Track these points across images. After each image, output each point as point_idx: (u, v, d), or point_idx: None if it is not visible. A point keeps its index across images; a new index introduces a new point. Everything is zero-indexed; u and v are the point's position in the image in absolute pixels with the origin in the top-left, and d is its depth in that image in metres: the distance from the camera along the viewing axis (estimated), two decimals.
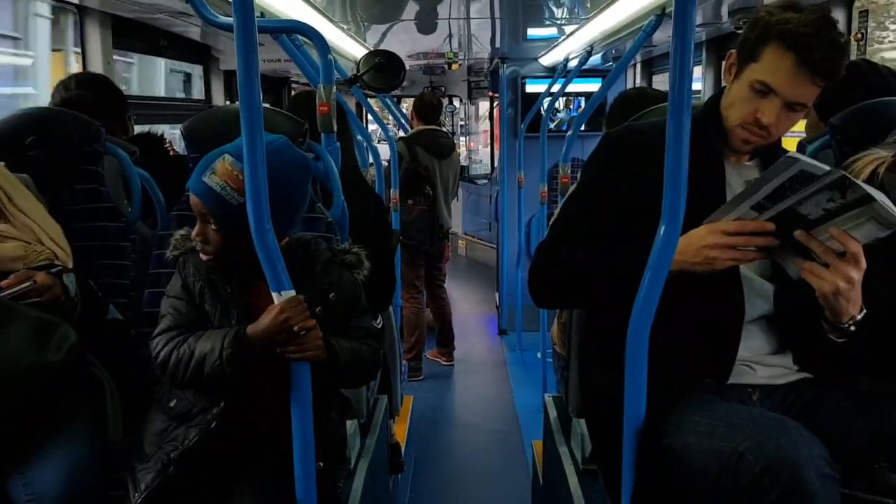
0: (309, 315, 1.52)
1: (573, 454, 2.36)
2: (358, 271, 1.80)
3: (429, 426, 4.54)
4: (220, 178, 1.58)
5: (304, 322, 1.50)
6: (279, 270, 1.45)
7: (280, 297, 1.49)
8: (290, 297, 1.49)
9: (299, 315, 1.50)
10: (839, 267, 1.38)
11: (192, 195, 1.62)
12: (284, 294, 1.49)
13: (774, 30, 1.49)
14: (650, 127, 1.74)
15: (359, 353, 1.72)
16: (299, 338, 1.51)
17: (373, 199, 2.99)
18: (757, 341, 1.63)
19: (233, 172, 1.57)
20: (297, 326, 1.49)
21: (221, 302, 1.65)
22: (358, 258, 1.81)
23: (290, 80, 6.27)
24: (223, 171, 1.58)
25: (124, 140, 2.52)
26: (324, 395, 1.68)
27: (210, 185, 1.58)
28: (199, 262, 1.69)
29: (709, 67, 4.22)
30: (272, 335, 1.51)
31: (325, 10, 3.85)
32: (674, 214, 1.32)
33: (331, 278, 1.74)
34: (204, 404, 1.63)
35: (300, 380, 1.53)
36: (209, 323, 1.65)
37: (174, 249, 1.72)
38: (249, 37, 1.34)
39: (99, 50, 3.01)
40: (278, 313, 1.50)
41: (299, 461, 1.54)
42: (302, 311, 1.50)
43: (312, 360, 1.54)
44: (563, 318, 2.45)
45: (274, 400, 1.61)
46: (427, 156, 5.07)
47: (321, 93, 2.26)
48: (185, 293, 1.68)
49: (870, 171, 1.65)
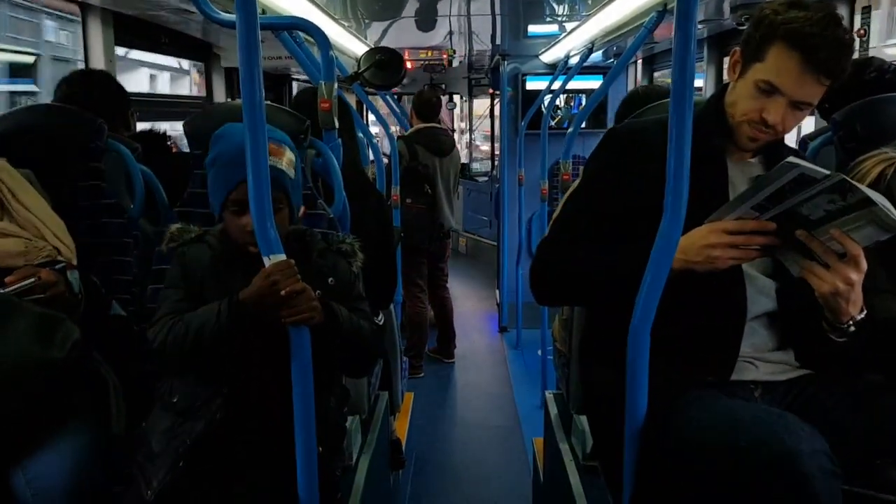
0: (299, 279, 1.52)
1: (574, 451, 2.36)
2: (353, 260, 1.84)
3: (429, 423, 4.54)
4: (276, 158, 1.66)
5: (292, 285, 1.50)
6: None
7: (270, 261, 1.50)
8: (278, 260, 1.50)
9: (288, 278, 1.50)
10: (839, 268, 1.39)
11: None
12: (274, 258, 1.49)
13: (780, 29, 1.48)
14: (652, 124, 1.74)
15: (359, 325, 1.75)
16: (290, 301, 1.51)
17: (374, 196, 2.99)
18: (759, 338, 1.64)
19: (280, 149, 1.70)
20: (285, 290, 1.49)
21: (227, 291, 1.65)
22: (352, 247, 1.85)
23: (291, 77, 6.27)
24: (275, 150, 1.67)
25: (127, 137, 2.52)
26: (323, 380, 1.69)
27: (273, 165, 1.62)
28: (200, 254, 1.72)
29: (710, 64, 4.21)
30: (263, 298, 1.53)
31: (327, 7, 3.85)
32: (676, 211, 1.33)
33: (328, 264, 1.79)
34: (206, 396, 1.65)
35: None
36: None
37: (171, 241, 1.75)
38: (251, 34, 1.35)
39: (101, 46, 3.01)
40: (266, 276, 1.51)
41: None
42: (291, 275, 1.51)
43: (308, 323, 1.54)
44: (564, 315, 2.45)
45: (276, 390, 1.62)
46: (427, 154, 5.06)
47: (322, 90, 2.27)
48: (185, 283, 1.71)
49: (877, 172, 1.65)
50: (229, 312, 1.58)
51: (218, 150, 1.71)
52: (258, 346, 1.66)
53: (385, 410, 2.77)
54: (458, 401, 5.08)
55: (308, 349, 1.54)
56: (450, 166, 5.24)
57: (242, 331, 1.60)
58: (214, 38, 4.16)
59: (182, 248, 1.74)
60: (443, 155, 5.15)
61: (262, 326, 1.58)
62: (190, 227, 1.78)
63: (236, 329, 1.59)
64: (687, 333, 1.60)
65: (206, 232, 1.78)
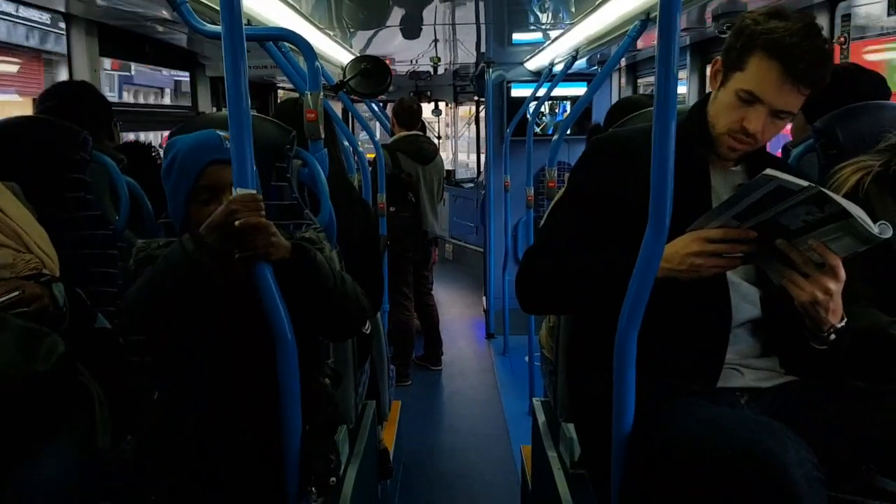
0: (262, 214, 1.48)
1: (562, 458, 2.36)
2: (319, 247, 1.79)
3: (417, 431, 4.53)
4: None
5: (249, 217, 1.46)
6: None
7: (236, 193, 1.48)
8: (244, 192, 1.46)
9: (247, 211, 1.46)
10: (818, 278, 1.40)
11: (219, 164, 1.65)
12: (241, 190, 1.46)
13: (760, 39, 1.50)
14: (636, 132, 1.75)
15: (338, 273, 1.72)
16: (249, 236, 1.47)
17: (360, 205, 2.99)
18: (744, 345, 1.65)
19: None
20: (240, 221, 1.45)
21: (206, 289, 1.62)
22: (317, 237, 1.83)
23: (276, 86, 6.26)
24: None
25: (112, 148, 2.51)
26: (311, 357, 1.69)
27: None
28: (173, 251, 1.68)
29: (693, 71, 4.24)
30: (219, 227, 1.48)
31: (312, 17, 3.85)
32: (660, 219, 1.33)
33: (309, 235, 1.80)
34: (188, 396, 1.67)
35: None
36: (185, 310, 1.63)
37: (138, 254, 1.72)
38: (237, 44, 1.35)
39: (85, 57, 3.00)
40: (227, 206, 1.48)
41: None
42: (253, 209, 1.47)
43: (268, 259, 1.50)
44: (551, 323, 2.46)
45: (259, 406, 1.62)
46: (410, 162, 5.07)
47: (308, 99, 2.27)
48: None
49: (855, 180, 1.67)
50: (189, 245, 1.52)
51: (175, 150, 1.69)
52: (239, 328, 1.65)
53: (372, 419, 2.76)
54: (446, 408, 5.07)
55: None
56: (433, 173, 5.24)
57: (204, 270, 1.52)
58: (199, 48, 4.15)
59: (154, 251, 1.70)
60: (425, 162, 5.16)
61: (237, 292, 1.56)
62: (155, 240, 1.76)
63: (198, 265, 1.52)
64: (673, 341, 1.61)
65: (172, 241, 1.73)
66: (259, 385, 1.65)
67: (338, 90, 3.07)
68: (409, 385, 5.27)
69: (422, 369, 5.59)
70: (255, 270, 1.50)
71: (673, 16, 1.26)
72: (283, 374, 1.54)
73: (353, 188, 3.10)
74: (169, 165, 1.70)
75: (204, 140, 1.65)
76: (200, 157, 1.64)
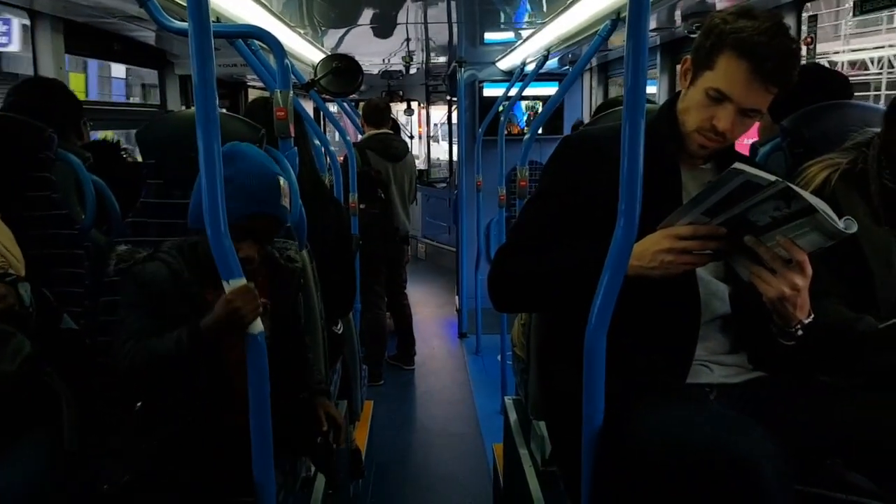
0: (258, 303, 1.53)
1: (533, 456, 2.37)
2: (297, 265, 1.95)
3: (389, 431, 4.53)
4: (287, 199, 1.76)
5: (255, 311, 1.52)
6: (230, 260, 1.45)
7: (229, 286, 1.50)
8: (239, 285, 1.50)
9: (249, 303, 1.51)
10: (785, 274, 1.41)
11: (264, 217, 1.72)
12: (233, 283, 1.49)
13: (729, 38, 1.51)
14: (607, 131, 1.76)
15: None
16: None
17: (332, 204, 2.98)
18: (713, 341, 1.66)
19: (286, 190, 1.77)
20: (248, 317, 1.51)
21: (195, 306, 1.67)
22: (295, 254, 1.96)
23: (246, 84, 6.22)
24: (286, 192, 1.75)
25: (79, 146, 2.48)
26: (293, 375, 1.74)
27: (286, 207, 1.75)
28: (156, 271, 1.72)
29: (663, 71, 4.27)
30: (224, 324, 1.54)
31: (282, 15, 3.83)
32: (629, 216, 1.34)
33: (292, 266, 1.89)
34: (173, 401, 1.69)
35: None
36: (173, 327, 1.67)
37: (120, 263, 1.75)
38: (205, 42, 1.34)
39: (51, 54, 2.96)
40: (228, 302, 1.51)
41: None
42: (252, 300, 1.52)
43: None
44: (523, 321, 2.46)
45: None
46: (379, 160, 5.05)
47: (278, 98, 2.26)
48: (145, 302, 1.71)
49: (822, 178, 1.69)
50: (190, 342, 1.60)
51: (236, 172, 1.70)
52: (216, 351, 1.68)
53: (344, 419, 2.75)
54: (418, 408, 5.07)
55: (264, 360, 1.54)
56: (404, 171, 5.24)
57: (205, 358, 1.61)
58: (168, 46, 4.11)
59: (136, 266, 1.74)
60: (395, 160, 5.15)
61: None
62: (138, 249, 1.78)
63: (198, 357, 1.61)
64: (643, 338, 1.62)
65: (156, 250, 1.78)
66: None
67: (309, 89, 3.05)
68: (382, 385, 5.26)
69: (394, 369, 5.58)
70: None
71: (643, 15, 1.27)
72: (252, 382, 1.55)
73: (325, 187, 3.09)
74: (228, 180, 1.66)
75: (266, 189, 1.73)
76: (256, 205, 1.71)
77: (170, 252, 1.77)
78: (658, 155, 1.59)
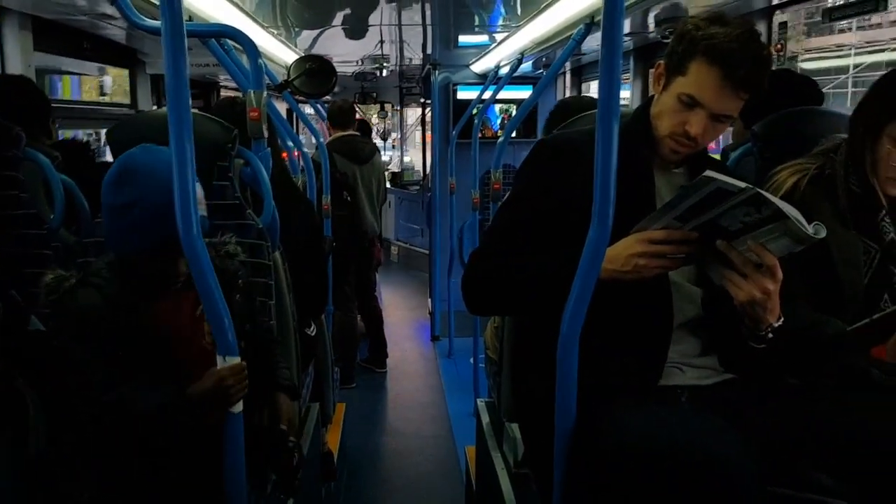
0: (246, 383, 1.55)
1: (505, 458, 2.37)
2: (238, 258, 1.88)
3: (362, 434, 4.51)
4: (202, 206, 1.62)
5: (242, 391, 1.54)
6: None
7: (224, 361, 1.51)
8: (234, 364, 1.51)
9: (239, 382, 1.53)
10: (756, 278, 1.42)
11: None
12: (230, 360, 1.51)
13: (701, 44, 1.53)
14: (581, 134, 1.77)
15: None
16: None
17: (304, 205, 2.96)
18: (685, 344, 1.67)
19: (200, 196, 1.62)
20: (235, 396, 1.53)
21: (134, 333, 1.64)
22: (234, 248, 1.87)
23: (219, 84, 6.18)
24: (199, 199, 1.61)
25: (47, 145, 2.44)
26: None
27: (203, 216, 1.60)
28: (89, 298, 1.65)
29: (636, 75, 4.30)
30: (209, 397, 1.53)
31: (255, 15, 3.81)
32: (603, 220, 1.35)
33: (232, 267, 1.82)
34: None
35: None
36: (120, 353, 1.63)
37: (50, 294, 1.65)
38: (177, 41, 1.32)
39: (18, 52, 2.91)
40: (221, 379, 1.52)
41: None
42: (242, 379, 1.53)
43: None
44: (496, 324, 2.47)
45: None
46: (345, 162, 5.02)
47: (251, 98, 2.24)
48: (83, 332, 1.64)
49: (792, 182, 1.71)
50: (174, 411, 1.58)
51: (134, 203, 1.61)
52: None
53: (316, 422, 2.74)
54: (390, 410, 5.06)
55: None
56: (371, 173, 5.21)
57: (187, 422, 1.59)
58: (139, 45, 4.07)
59: (66, 297, 1.65)
60: (362, 162, 5.13)
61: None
62: (65, 274, 1.68)
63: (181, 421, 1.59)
64: (615, 340, 1.62)
65: (85, 273, 1.69)
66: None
67: (282, 90, 3.03)
68: (354, 387, 5.24)
69: (366, 372, 5.56)
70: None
71: (617, 20, 1.28)
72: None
73: (297, 188, 3.07)
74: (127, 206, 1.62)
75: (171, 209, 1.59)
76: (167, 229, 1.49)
77: (99, 273, 1.69)
78: (632, 159, 1.60)
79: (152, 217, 1.59)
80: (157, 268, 1.67)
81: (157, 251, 1.63)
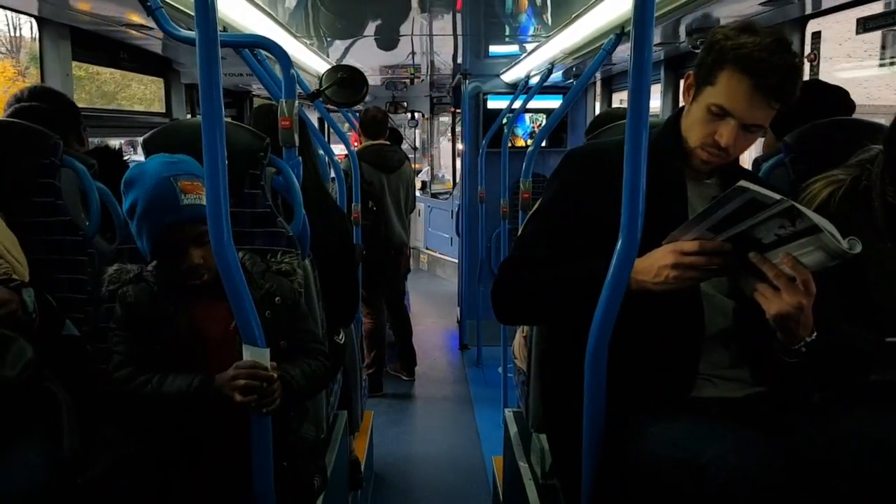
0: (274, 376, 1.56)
1: (533, 469, 2.36)
2: (293, 278, 1.87)
3: (389, 442, 4.52)
4: (195, 195, 1.64)
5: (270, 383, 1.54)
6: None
7: (249, 352, 1.52)
8: (260, 353, 1.52)
9: (267, 372, 1.54)
10: (789, 292, 1.40)
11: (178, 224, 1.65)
12: (255, 351, 1.52)
13: (730, 54, 1.52)
14: (611, 145, 1.76)
15: (311, 374, 1.78)
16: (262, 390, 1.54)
17: (336, 214, 2.98)
18: (717, 356, 1.66)
19: (195, 185, 1.65)
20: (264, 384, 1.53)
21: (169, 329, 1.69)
22: (291, 266, 1.88)
23: (251, 93, 6.24)
24: (192, 188, 1.65)
25: (82, 153, 2.48)
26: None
27: (196, 203, 1.63)
28: (140, 294, 1.73)
29: (667, 86, 4.28)
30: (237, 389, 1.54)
31: (288, 25, 3.84)
32: (632, 230, 1.34)
33: (272, 284, 1.81)
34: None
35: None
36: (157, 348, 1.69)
37: (110, 284, 1.77)
38: (212, 51, 1.34)
39: (58, 61, 2.97)
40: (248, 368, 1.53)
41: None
42: (262, 381, 1.54)
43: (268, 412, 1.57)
44: (524, 333, 2.46)
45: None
46: (373, 171, 5.02)
47: (283, 107, 2.26)
48: (131, 325, 1.72)
49: (826, 193, 1.69)
50: (200, 393, 1.60)
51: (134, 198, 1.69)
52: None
53: (344, 429, 2.75)
54: (418, 419, 5.06)
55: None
56: (399, 182, 5.22)
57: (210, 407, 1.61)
58: (174, 54, 4.12)
59: (123, 288, 1.75)
60: (390, 171, 5.14)
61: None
62: (127, 267, 1.79)
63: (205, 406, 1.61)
64: (646, 352, 1.62)
65: (142, 269, 1.79)
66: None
67: (314, 99, 3.06)
68: (382, 395, 5.25)
69: (395, 380, 5.57)
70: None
71: (646, 30, 1.28)
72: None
73: (330, 196, 3.09)
74: (129, 210, 1.71)
75: (159, 199, 1.65)
76: (160, 219, 1.66)
77: (153, 272, 1.77)
78: (663, 169, 1.60)
79: (146, 211, 1.66)
80: (172, 262, 1.70)
81: (166, 243, 1.67)
